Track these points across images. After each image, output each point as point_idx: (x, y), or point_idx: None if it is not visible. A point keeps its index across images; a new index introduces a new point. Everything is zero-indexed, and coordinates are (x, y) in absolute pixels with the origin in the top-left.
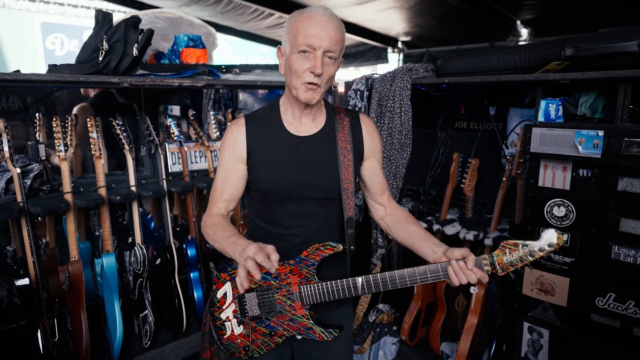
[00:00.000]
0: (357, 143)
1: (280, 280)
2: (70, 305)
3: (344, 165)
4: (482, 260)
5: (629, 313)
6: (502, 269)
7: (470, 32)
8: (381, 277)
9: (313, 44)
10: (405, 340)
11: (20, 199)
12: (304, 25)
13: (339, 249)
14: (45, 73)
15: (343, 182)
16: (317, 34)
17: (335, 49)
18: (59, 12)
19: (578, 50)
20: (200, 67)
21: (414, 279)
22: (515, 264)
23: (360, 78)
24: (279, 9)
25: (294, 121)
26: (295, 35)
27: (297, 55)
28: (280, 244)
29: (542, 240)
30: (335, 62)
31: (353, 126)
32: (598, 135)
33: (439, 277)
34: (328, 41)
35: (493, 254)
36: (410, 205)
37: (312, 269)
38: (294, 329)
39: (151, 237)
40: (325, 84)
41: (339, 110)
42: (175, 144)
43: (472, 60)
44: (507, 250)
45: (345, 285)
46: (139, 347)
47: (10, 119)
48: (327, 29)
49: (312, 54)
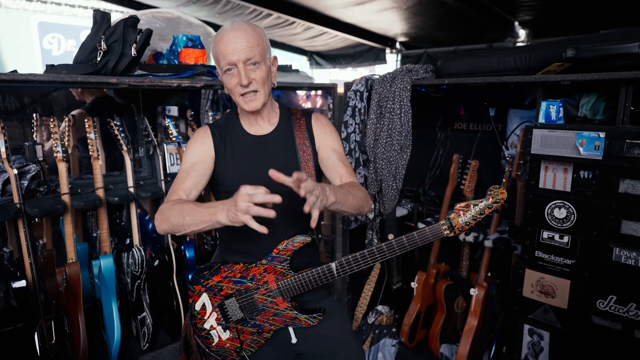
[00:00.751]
0: (312, 138)
1: (256, 281)
2: (68, 308)
3: (304, 160)
4: (441, 225)
5: (630, 315)
6: (458, 229)
7: (468, 33)
8: (352, 257)
9: (231, 60)
10: (404, 342)
11: (18, 200)
12: (219, 48)
13: (307, 241)
14: (42, 73)
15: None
16: (231, 50)
17: (253, 55)
18: (56, 11)
19: (579, 51)
20: (199, 68)
21: (374, 254)
22: (470, 223)
23: (360, 79)
24: (277, 9)
25: (250, 124)
26: (217, 58)
27: (225, 75)
28: (252, 245)
29: (490, 198)
30: (260, 65)
31: (308, 123)
32: (599, 136)
33: (404, 248)
34: (243, 52)
35: (449, 217)
36: (409, 206)
37: (286, 264)
38: (280, 322)
39: (149, 239)
40: (263, 87)
41: (295, 111)
42: (173, 145)
43: (472, 61)
44: (461, 213)
45: (321, 272)
46: (137, 350)
47: (7, 119)
48: (238, 41)
49: (235, 69)
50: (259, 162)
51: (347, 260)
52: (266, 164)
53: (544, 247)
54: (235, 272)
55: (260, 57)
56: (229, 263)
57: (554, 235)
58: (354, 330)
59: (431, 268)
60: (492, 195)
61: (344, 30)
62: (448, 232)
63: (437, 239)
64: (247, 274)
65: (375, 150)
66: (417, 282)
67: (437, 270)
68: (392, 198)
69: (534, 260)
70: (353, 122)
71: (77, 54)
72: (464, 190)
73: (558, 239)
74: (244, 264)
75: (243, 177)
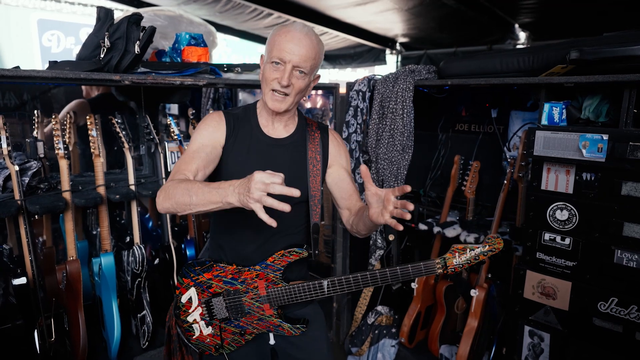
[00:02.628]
0: (325, 154)
1: (246, 285)
2: (68, 305)
3: (313, 174)
4: (436, 263)
5: (631, 318)
6: (451, 270)
7: (468, 34)
8: (345, 279)
9: (284, 58)
10: (404, 343)
11: (19, 197)
12: (280, 40)
13: (303, 255)
14: (46, 69)
15: (311, 190)
16: (289, 49)
17: (305, 66)
18: (55, 9)
19: (583, 53)
20: (202, 66)
21: (367, 279)
22: (463, 265)
23: (362, 79)
24: (277, 8)
25: (267, 124)
26: (272, 47)
27: (269, 65)
28: (247, 248)
29: (487, 246)
30: (305, 77)
31: (323, 138)
32: (602, 139)
33: (397, 279)
34: (298, 57)
35: (445, 257)
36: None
37: (279, 273)
38: (263, 327)
39: (149, 237)
40: (295, 95)
41: (312, 123)
42: (174, 143)
43: (475, 62)
44: (457, 254)
45: (312, 287)
46: (137, 348)
47: (7, 115)
48: (301, 46)
49: (282, 66)
50: (268, 164)
51: (340, 280)
52: (275, 169)
53: (545, 248)
54: (227, 272)
55: (309, 70)
56: (222, 262)
57: (555, 237)
58: (328, 338)
59: None
60: (489, 243)
61: (345, 31)
62: (441, 271)
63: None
64: (238, 276)
65: (377, 151)
66: (417, 283)
67: None
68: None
69: (535, 261)
70: (355, 122)
71: (80, 50)
72: (465, 191)
73: (560, 240)
74: (237, 265)
75: (246, 174)
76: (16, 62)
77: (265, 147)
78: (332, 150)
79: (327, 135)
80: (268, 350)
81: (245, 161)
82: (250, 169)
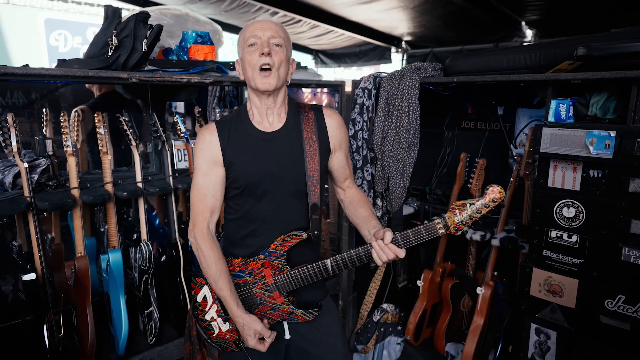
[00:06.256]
0: (322, 134)
1: (254, 275)
2: (76, 301)
3: (310, 154)
4: (436, 224)
5: (638, 315)
6: (454, 229)
7: (474, 32)
8: (348, 256)
9: (257, 35)
10: (410, 340)
11: (28, 194)
12: (248, 28)
13: (303, 237)
14: (55, 67)
15: (308, 170)
16: (260, 27)
17: (278, 37)
18: (62, 8)
19: (591, 49)
20: (208, 64)
21: (369, 253)
22: (466, 222)
23: (368, 76)
24: (283, 7)
25: (261, 120)
26: (244, 39)
27: (247, 49)
28: (257, 239)
29: (487, 197)
30: (282, 50)
31: (317, 118)
32: (610, 135)
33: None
34: (270, 31)
35: (445, 216)
36: (415, 205)
37: (282, 259)
38: (277, 316)
39: (156, 234)
40: (279, 68)
41: (304, 105)
42: (181, 141)
43: (481, 59)
44: (457, 211)
45: (317, 268)
46: (144, 344)
47: (16, 114)
48: (268, 24)
49: (258, 42)
50: (268, 158)
51: (342, 257)
52: (275, 161)
53: (552, 246)
54: (234, 265)
55: (284, 43)
56: (229, 257)
57: (562, 234)
58: (345, 335)
59: (437, 266)
60: (489, 194)
61: (350, 29)
62: (443, 231)
63: (432, 237)
64: (245, 267)
65: (382, 148)
66: (423, 281)
67: (443, 269)
68: (399, 196)
69: (542, 259)
70: (361, 120)
71: (88, 48)
72: (471, 189)
73: (566, 238)
74: (243, 257)
75: (251, 173)
76: (24, 62)
77: (262, 143)
78: (333, 132)
79: (322, 114)
80: (283, 346)
81: (247, 161)
82: (253, 168)
